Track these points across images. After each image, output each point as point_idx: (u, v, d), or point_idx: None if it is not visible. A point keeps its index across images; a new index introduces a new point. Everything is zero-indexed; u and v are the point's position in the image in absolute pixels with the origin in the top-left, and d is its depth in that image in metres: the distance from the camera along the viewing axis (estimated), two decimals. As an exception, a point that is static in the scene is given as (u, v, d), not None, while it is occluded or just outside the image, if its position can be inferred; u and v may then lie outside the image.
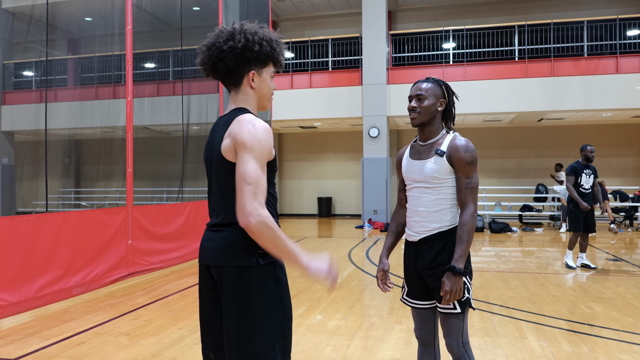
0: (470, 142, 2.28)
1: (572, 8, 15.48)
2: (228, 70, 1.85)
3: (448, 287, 2.18)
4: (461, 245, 2.21)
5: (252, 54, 1.83)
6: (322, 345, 4.01)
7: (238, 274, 1.75)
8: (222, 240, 1.80)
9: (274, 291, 1.79)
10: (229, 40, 1.81)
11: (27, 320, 4.79)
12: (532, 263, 7.85)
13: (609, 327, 4.43)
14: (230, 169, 1.77)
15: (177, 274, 7.08)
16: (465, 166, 2.25)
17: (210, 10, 9.87)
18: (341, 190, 17.77)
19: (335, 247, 9.78)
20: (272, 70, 1.93)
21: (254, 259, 1.76)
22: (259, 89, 1.91)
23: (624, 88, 12.52)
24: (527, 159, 16.23)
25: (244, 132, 1.73)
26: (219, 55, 1.82)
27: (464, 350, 2.30)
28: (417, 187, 2.36)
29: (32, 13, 7.38)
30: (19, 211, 9.25)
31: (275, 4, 16.29)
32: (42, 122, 6.12)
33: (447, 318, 2.30)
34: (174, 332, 4.39)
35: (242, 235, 1.75)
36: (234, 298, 1.76)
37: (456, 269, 2.17)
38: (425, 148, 2.37)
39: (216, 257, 1.80)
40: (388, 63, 14.25)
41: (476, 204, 2.27)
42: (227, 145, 1.77)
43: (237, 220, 1.70)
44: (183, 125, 9.06)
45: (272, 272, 1.80)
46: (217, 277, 1.83)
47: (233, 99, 1.90)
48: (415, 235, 2.37)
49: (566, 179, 7.14)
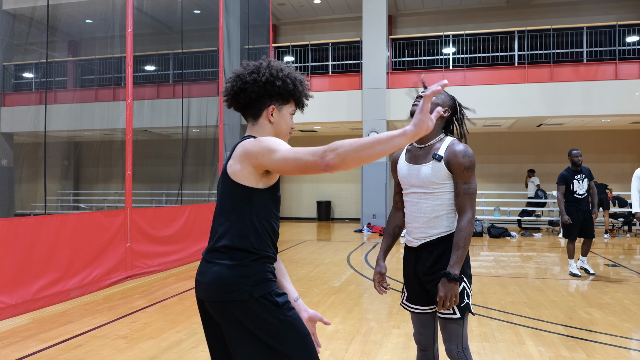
0: (468, 148, 2.28)
1: (571, 14, 15.54)
2: (249, 102, 1.88)
3: (442, 293, 2.18)
4: (457, 251, 2.20)
5: (273, 89, 1.86)
6: (320, 350, 4.00)
7: (231, 308, 1.72)
8: (214, 274, 1.76)
9: (276, 317, 1.73)
10: (253, 73, 1.86)
11: (24, 322, 4.78)
12: (531, 268, 7.85)
13: (607, 333, 4.43)
14: (236, 190, 1.77)
15: (176, 277, 7.07)
16: (463, 172, 2.25)
17: (211, 14, 9.90)
18: (340, 194, 17.77)
19: (334, 251, 9.78)
20: (293, 108, 1.95)
21: (247, 291, 1.72)
22: (277, 125, 1.91)
23: (623, 94, 12.55)
24: (527, 164, 16.23)
25: (251, 146, 1.73)
26: (241, 86, 1.87)
27: (463, 355, 2.30)
28: (415, 193, 2.35)
29: (32, 15, 7.39)
30: (18, 213, 9.25)
31: (275, 8, 16.32)
32: (42, 124, 6.12)
33: (447, 323, 2.30)
34: (171, 336, 4.38)
35: (232, 269, 1.74)
36: (235, 332, 1.72)
37: (451, 275, 2.17)
38: (423, 152, 2.36)
39: (208, 292, 1.77)
40: (388, 67, 14.28)
41: (474, 209, 2.27)
42: (236, 167, 1.77)
43: (320, 168, 1.54)
44: (183, 128, 9.06)
45: (270, 300, 1.75)
46: (212, 312, 1.80)
47: (249, 129, 1.92)
48: (415, 241, 2.38)
49: (557, 188, 7.12)
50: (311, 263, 8.30)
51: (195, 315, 5.04)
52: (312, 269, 7.74)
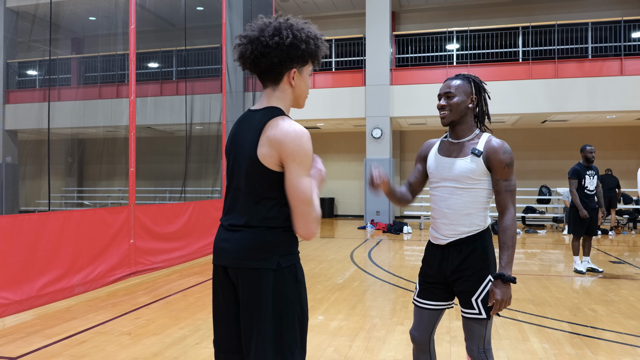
0: (506, 144, 2.19)
1: (576, 9, 15.44)
2: (270, 67, 1.78)
3: (499, 296, 2.09)
4: (507, 251, 2.12)
5: (297, 52, 1.77)
6: (323, 346, 3.99)
7: (259, 276, 1.71)
8: (242, 241, 1.74)
9: (294, 293, 1.75)
10: (275, 35, 1.73)
11: (29, 318, 4.79)
12: (535, 265, 7.82)
13: (612, 330, 4.41)
14: (265, 174, 1.72)
15: (179, 273, 7.08)
16: (504, 168, 2.17)
17: (214, 10, 9.88)
18: (344, 191, 17.76)
19: (338, 248, 9.77)
20: (311, 68, 1.89)
21: (275, 260, 1.72)
22: (298, 88, 1.86)
23: (628, 90, 12.48)
24: (531, 161, 16.18)
25: (288, 141, 1.68)
26: (262, 50, 1.74)
27: (485, 356, 2.20)
28: (446, 187, 2.26)
29: (35, 12, 7.40)
30: (22, 210, 9.28)
31: (279, 4, 16.29)
32: (45, 121, 6.13)
33: (470, 322, 2.21)
34: (175, 332, 4.39)
35: (263, 236, 1.73)
36: (255, 300, 1.72)
37: (505, 277, 2.09)
38: (458, 146, 2.27)
39: (235, 259, 1.75)
40: (391, 64, 14.24)
41: (515, 206, 2.19)
42: (266, 152, 1.71)
43: (299, 234, 1.76)
44: (186, 125, 9.06)
45: (293, 273, 1.77)
46: (235, 279, 1.78)
47: (269, 95, 1.83)
48: (443, 238, 2.28)
49: (569, 182, 7.07)
50: (315, 260, 8.30)
51: (199, 311, 5.05)
52: (316, 265, 7.74)
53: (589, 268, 7.23)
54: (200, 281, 6.56)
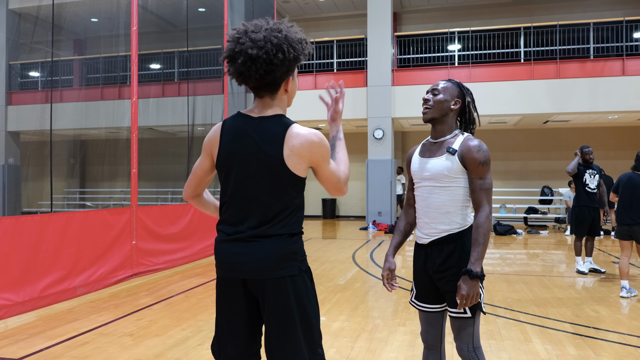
0: (483, 143, 2.23)
1: (578, 10, 15.42)
2: (272, 81, 1.81)
3: (465, 292, 2.11)
4: (477, 247, 2.15)
5: (297, 63, 1.84)
6: (325, 347, 3.99)
7: (286, 283, 1.77)
8: (266, 251, 1.76)
9: (313, 292, 1.87)
10: (279, 52, 1.74)
11: (31, 320, 4.80)
12: (537, 266, 7.81)
13: (615, 331, 4.40)
14: (295, 181, 1.79)
15: (182, 274, 7.09)
16: (478, 166, 2.20)
17: (215, 12, 9.89)
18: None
19: (340, 249, 9.77)
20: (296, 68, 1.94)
21: (297, 266, 1.81)
22: (291, 91, 1.92)
23: (630, 90, 12.45)
24: (533, 161, 16.16)
25: (317, 148, 1.79)
26: (267, 68, 1.74)
27: (474, 355, 2.24)
28: (426, 186, 2.31)
29: (38, 14, 7.42)
30: (24, 211, 9.30)
31: (280, 5, 16.30)
32: (48, 122, 6.13)
33: (458, 322, 2.25)
34: (177, 333, 4.39)
35: (288, 244, 1.78)
36: (286, 307, 1.76)
37: (473, 273, 2.11)
38: (436, 146, 2.32)
39: (262, 271, 1.76)
40: (393, 64, 14.24)
41: (491, 205, 2.22)
42: (296, 161, 1.77)
43: (334, 195, 1.97)
44: (188, 126, 9.07)
45: (309, 274, 1.88)
46: (256, 290, 1.80)
47: (267, 104, 1.85)
48: (425, 237, 2.34)
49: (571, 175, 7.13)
50: (317, 260, 8.30)
51: (201, 312, 5.05)
52: (318, 266, 7.74)
53: (591, 269, 7.21)
54: (202, 282, 6.56)
